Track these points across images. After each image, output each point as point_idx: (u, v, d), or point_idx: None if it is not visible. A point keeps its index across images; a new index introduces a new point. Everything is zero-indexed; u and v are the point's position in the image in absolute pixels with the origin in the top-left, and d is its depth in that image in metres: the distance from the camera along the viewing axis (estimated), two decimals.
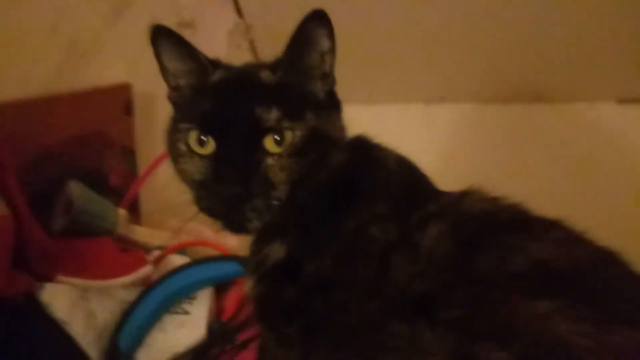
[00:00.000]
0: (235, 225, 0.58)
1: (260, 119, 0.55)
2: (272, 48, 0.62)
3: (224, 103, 0.57)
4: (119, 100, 1.09)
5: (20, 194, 0.77)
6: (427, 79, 1.37)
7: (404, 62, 1.33)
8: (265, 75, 0.59)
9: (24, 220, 0.75)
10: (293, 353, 0.57)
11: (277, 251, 0.60)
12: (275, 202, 0.56)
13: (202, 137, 0.57)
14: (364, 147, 0.66)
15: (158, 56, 0.61)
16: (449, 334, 0.45)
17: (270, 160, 0.55)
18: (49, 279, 0.74)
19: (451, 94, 1.39)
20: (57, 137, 0.96)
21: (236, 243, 0.98)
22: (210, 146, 0.56)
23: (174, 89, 0.63)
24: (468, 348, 0.43)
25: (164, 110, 0.64)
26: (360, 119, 0.65)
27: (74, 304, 0.73)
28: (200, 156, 0.57)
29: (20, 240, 0.73)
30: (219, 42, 1.37)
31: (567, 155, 1.25)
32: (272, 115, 0.55)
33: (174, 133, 0.60)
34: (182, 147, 0.58)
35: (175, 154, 0.60)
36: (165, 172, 1.08)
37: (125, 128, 1.11)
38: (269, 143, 0.55)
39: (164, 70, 0.62)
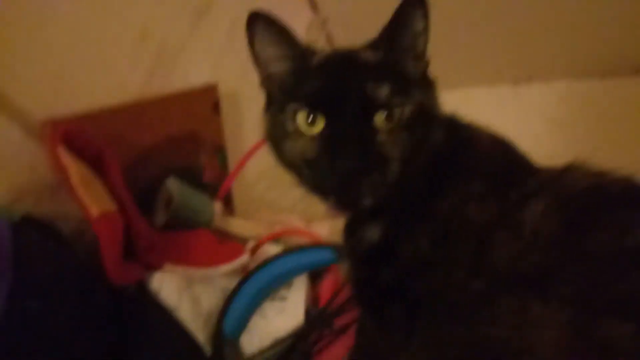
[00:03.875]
0: (349, 201, 0.57)
1: (372, 95, 0.55)
2: (349, 41, 0.62)
3: (333, 82, 0.56)
4: (208, 100, 1.13)
5: (127, 191, 0.82)
6: (512, 58, 1.31)
7: (488, 42, 1.28)
8: (367, 54, 0.59)
9: (132, 215, 0.80)
10: (395, 335, 0.57)
11: (371, 234, 0.59)
12: (390, 178, 0.55)
13: (311, 116, 0.56)
14: (457, 126, 0.64)
15: (252, 43, 0.60)
16: (564, 307, 0.43)
17: (382, 136, 0.55)
18: (156, 268, 0.78)
19: (539, 72, 1.32)
20: (153, 138, 1.01)
21: (327, 231, 0.99)
22: (319, 125, 0.56)
23: (267, 76, 0.63)
24: (586, 320, 0.41)
25: (249, 108, 0.64)
26: (445, 105, 0.64)
27: (181, 291, 0.76)
28: (310, 135, 0.57)
29: (129, 234, 0.78)
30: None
31: None
32: (383, 91, 0.55)
33: (277, 115, 0.60)
34: (290, 128, 0.58)
35: (280, 136, 0.59)
36: (255, 166, 1.12)
37: (214, 126, 1.14)
38: (380, 119, 0.55)
39: (256, 57, 0.61)
